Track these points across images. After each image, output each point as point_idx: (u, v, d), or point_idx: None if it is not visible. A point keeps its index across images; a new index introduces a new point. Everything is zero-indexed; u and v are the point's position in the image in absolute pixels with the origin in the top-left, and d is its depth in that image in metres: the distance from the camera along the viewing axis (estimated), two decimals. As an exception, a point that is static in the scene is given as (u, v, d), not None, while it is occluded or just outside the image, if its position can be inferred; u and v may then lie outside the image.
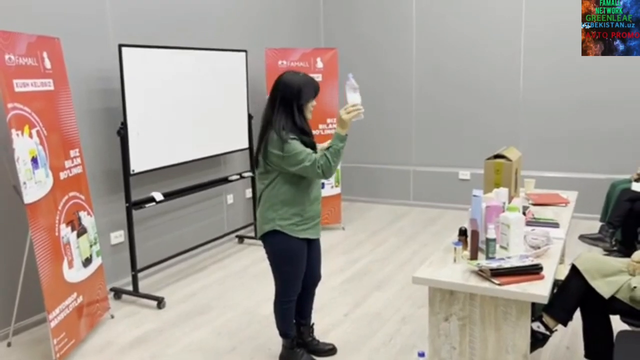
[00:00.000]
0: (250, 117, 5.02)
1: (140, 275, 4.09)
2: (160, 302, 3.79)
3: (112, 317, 3.65)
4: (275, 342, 3.12)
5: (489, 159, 3.20)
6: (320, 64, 5.33)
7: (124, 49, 3.67)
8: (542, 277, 2.15)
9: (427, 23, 6.09)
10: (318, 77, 5.32)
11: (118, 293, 3.98)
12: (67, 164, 3.29)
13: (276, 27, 5.78)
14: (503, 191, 2.77)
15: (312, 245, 2.86)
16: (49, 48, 3.23)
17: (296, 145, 2.57)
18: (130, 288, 4.00)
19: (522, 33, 5.67)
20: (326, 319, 3.50)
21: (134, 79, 3.78)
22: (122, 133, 3.75)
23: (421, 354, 2.45)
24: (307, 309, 3.04)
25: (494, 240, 2.33)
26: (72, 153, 3.35)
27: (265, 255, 2.84)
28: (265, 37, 5.50)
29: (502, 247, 2.42)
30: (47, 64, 3.19)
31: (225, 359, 3.10)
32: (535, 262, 2.19)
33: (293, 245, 2.73)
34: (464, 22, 5.91)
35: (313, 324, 3.12)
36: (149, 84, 3.92)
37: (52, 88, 3.20)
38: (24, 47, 3.01)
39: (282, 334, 2.96)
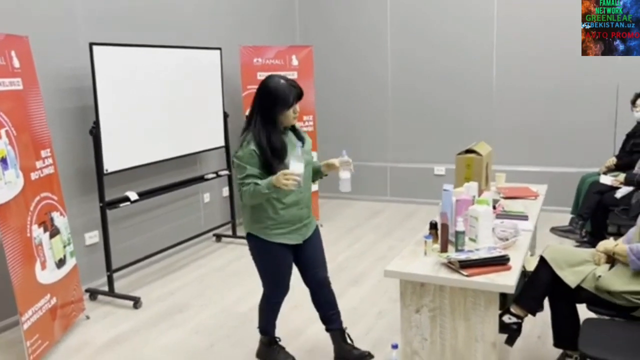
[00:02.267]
0: (225, 115, 5.01)
1: (117, 275, 4.06)
2: (136, 302, 3.77)
3: (88, 317, 3.62)
4: (253, 340, 3.13)
5: (459, 154, 3.25)
6: (295, 62, 5.35)
7: (94, 47, 3.64)
8: (509, 268, 2.21)
9: (403, 19, 6.15)
10: (293, 75, 5.34)
11: (94, 294, 3.94)
12: (38, 164, 3.25)
13: (251, 25, 5.78)
14: (473, 185, 2.83)
15: (303, 248, 2.75)
16: (17, 47, 3.17)
17: (245, 158, 2.51)
18: (106, 288, 3.97)
19: (494, 31, 5.76)
20: (304, 315, 3.52)
21: (106, 77, 3.74)
22: (95, 132, 3.72)
23: (394, 346, 2.49)
24: (325, 314, 2.90)
25: (463, 232, 2.38)
26: (43, 153, 3.31)
27: (242, 254, 2.84)
28: (240, 35, 5.48)
29: (471, 239, 2.47)
30: (16, 63, 3.14)
31: (202, 357, 3.11)
32: (503, 253, 2.24)
33: (268, 249, 2.67)
34: (439, 19, 5.98)
35: (346, 328, 2.94)
36: (121, 82, 3.89)
37: (21, 87, 3.15)
38: (-8, 46, 2.97)
39: (261, 330, 2.96)
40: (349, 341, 2.92)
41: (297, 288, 2.96)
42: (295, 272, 2.83)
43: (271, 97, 2.53)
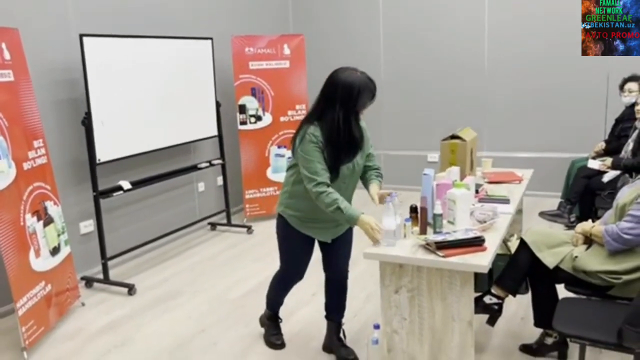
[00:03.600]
0: (218, 104, 5.06)
1: (112, 263, 4.14)
2: (130, 289, 3.85)
3: (83, 304, 3.70)
4: (244, 325, 3.21)
5: (444, 139, 3.30)
6: (287, 51, 5.38)
7: (85, 39, 3.68)
8: (484, 249, 2.26)
9: (395, 9, 6.16)
10: (285, 64, 5.38)
11: (89, 281, 4.02)
12: (31, 154, 3.31)
13: (243, 15, 5.80)
14: (454, 170, 2.88)
15: (331, 242, 2.74)
16: (8, 39, 3.22)
17: (313, 152, 2.44)
18: (101, 276, 4.04)
19: (485, 21, 5.78)
20: (294, 299, 3.58)
21: (97, 68, 3.79)
22: (87, 123, 3.77)
23: (376, 326, 2.57)
24: (330, 303, 2.92)
25: (441, 215, 2.44)
26: (36, 143, 3.37)
27: (236, 242, 2.85)
28: (232, 25, 5.51)
29: (449, 221, 2.53)
30: (7, 55, 3.19)
31: (193, 341, 3.18)
32: (479, 234, 2.30)
33: (294, 237, 2.68)
34: (432, 9, 6.00)
35: (344, 324, 2.96)
36: (112, 73, 3.94)
37: (12, 79, 3.21)
38: (-18, 39, 3.02)
39: (267, 304, 3.05)
40: (341, 336, 2.93)
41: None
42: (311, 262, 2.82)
43: (354, 89, 2.48)
